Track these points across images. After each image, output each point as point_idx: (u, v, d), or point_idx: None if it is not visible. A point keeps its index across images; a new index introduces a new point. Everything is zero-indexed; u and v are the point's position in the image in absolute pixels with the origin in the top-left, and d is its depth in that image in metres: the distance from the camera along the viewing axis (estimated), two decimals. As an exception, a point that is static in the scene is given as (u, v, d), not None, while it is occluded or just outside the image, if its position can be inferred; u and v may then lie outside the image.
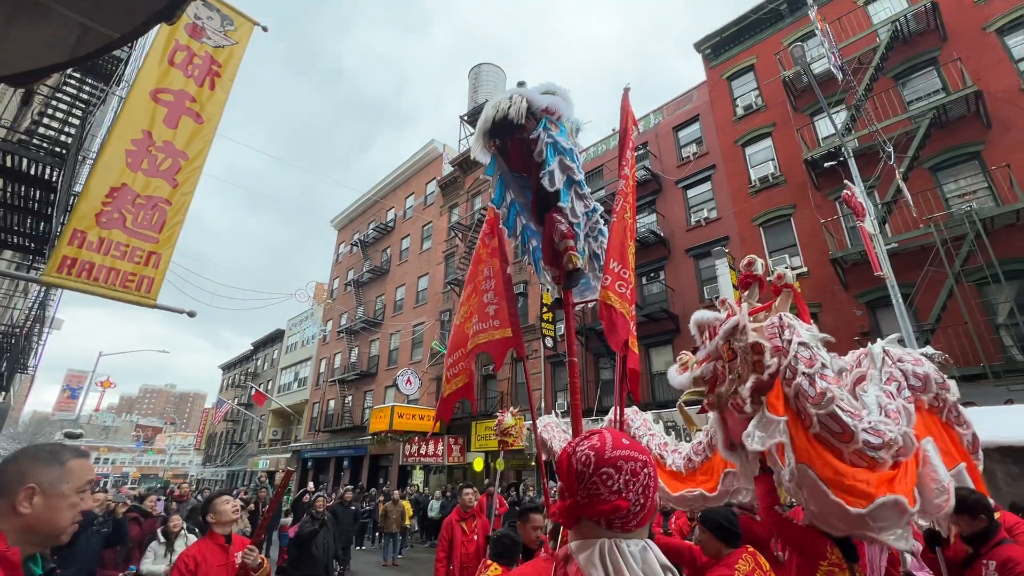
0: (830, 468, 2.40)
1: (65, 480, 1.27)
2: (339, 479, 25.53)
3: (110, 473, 63.08)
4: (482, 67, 29.35)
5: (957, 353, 9.90)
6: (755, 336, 2.73)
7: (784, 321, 2.87)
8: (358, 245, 31.42)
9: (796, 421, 2.55)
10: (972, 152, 11.49)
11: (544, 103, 2.95)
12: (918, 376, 2.94)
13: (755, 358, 2.64)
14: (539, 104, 2.93)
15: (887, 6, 13.88)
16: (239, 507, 3.15)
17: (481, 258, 3.83)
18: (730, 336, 2.72)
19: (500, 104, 2.92)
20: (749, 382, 2.57)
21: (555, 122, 2.97)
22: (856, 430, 2.43)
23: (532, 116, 2.93)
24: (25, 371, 13.83)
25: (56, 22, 2.88)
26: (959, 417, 3.01)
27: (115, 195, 4.87)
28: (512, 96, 2.93)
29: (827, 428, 2.48)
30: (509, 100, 2.91)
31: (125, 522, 6.06)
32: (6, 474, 1.22)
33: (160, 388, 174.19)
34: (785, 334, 2.78)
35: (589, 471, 0.95)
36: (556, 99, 3.02)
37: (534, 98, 2.93)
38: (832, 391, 2.52)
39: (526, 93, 2.96)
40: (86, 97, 7.13)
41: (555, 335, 16.91)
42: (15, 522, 1.19)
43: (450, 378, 3.65)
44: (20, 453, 1.29)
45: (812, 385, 2.54)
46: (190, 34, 5.68)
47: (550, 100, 2.98)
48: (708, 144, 16.57)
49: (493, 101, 3.01)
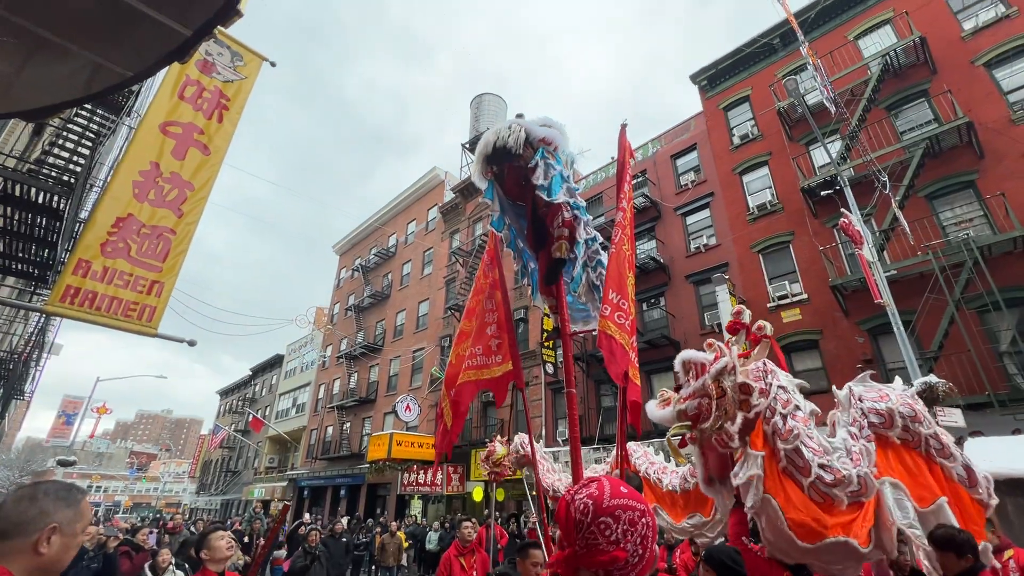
0: (792, 503, 2.60)
1: (79, 520, 1.29)
2: (336, 509, 24.97)
3: (102, 502, 61.77)
4: (484, 97, 30.07)
5: (961, 381, 9.81)
6: (743, 377, 2.93)
7: (768, 367, 3.10)
8: (359, 270, 31.57)
9: (770, 456, 2.76)
10: (966, 181, 11.66)
11: (541, 134, 3.03)
12: (879, 412, 2.96)
13: (742, 397, 2.84)
14: (537, 135, 3.01)
15: (877, 40, 14.30)
16: (233, 543, 3.08)
17: (482, 288, 3.85)
18: (720, 375, 2.89)
19: (500, 132, 3.00)
20: (738, 420, 2.76)
21: (552, 152, 3.04)
22: (812, 464, 2.64)
23: (530, 145, 3.01)
24: (21, 397, 13.73)
25: (71, 61, 2.98)
26: (943, 449, 2.95)
27: (121, 225, 4.94)
28: (511, 126, 3.02)
29: (792, 462, 2.69)
30: (508, 129, 2.99)
31: (116, 557, 5.92)
32: (30, 513, 1.22)
33: (156, 414, 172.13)
34: (768, 377, 3.01)
35: (587, 520, 0.95)
36: (553, 131, 3.09)
37: (532, 129, 3.02)
38: (799, 428, 2.75)
39: (525, 124, 3.04)
40: (96, 128, 7.30)
41: (556, 361, 16.81)
42: (31, 561, 1.19)
43: (455, 414, 3.63)
44: (39, 491, 1.28)
45: (784, 423, 2.78)
46: (200, 69, 5.87)
47: (547, 132, 3.06)
48: (706, 172, 16.83)
49: (494, 128, 3.10)
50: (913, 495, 2.75)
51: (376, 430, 23.90)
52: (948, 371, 9.90)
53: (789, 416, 2.81)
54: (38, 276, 8.00)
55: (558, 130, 3.16)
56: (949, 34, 12.91)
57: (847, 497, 2.59)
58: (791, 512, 2.53)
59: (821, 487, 2.60)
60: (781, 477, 2.70)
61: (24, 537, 1.19)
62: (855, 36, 14.69)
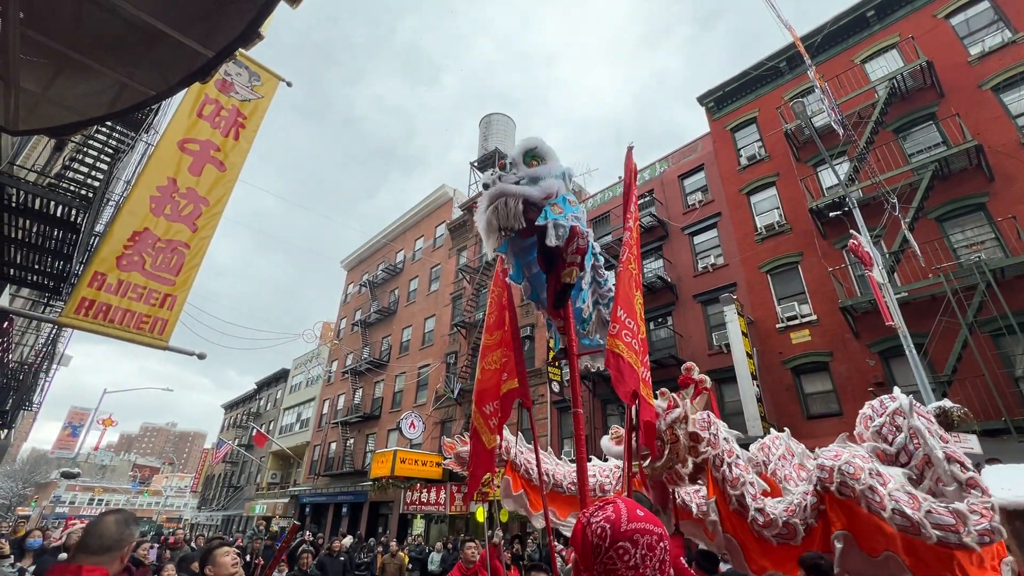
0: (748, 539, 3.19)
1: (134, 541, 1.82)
2: (337, 526, 24.65)
3: (103, 515, 61.38)
4: (492, 116, 30.54)
5: (977, 406, 9.62)
6: (694, 427, 3.42)
7: (710, 419, 3.54)
8: (367, 286, 31.73)
9: (722, 499, 3.35)
10: (977, 203, 11.60)
11: (539, 193, 2.91)
12: (825, 468, 3.09)
13: (691, 444, 3.36)
14: (536, 197, 2.90)
15: (883, 64, 14.43)
16: (238, 559, 3.04)
17: (501, 306, 3.88)
18: (675, 423, 3.38)
19: (498, 211, 2.88)
20: (689, 464, 3.31)
21: (556, 202, 2.93)
22: (750, 508, 3.19)
23: (534, 206, 2.92)
24: (29, 408, 13.79)
25: (97, 79, 3.07)
26: (881, 503, 2.84)
27: (137, 239, 5.03)
28: (508, 201, 2.87)
29: (740, 504, 3.24)
30: (505, 205, 2.87)
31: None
32: (124, 534, 1.73)
33: (161, 426, 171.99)
34: (712, 428, 3.46)
35: (605, 545, 0.93)
36: (551, 183, 2.95)
37: (530, 193, 2.90)
38: (744, 477, 3.30)
39: (522, 193, 2.90)
40: (115, 144, 7.48)
41: (561, 380, 16.69)
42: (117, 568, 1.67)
43: (493, 428, 3.54)
44: (129, 518, 1.79)
45: (731, 471, 3.32)
46: (219, 88, 6.03)
47: (546, 186, 2.94)
48: (713, 192, 16.88)
49: (489, 204, 2.93)
50: (864, 547, 2.85)
51: (380, 447, 23.71)
52: (963, 396, 9.71)
53: (734, 464, 3.37)
54: (53, 288, 8.11)
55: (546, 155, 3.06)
56: (956, 58, 13.01)
57: (775, 539, 3.12)
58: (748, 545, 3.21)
59: (755, 527, 3.17)
60: (734, 517, 3.31)
61: (118, 551, 1.69)
62: (862, 60, 14.84)
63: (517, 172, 3.01)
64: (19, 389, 11.56)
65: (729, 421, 14.37)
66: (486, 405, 3.56)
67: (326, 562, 9.88)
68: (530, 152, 3.08)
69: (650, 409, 2.70)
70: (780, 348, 13.40)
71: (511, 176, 3.00)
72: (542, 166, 3.03)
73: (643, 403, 2.63)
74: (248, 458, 36.36)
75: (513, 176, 3.00)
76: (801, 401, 12.69)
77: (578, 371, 2.99)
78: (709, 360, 14.55)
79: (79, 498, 64.63)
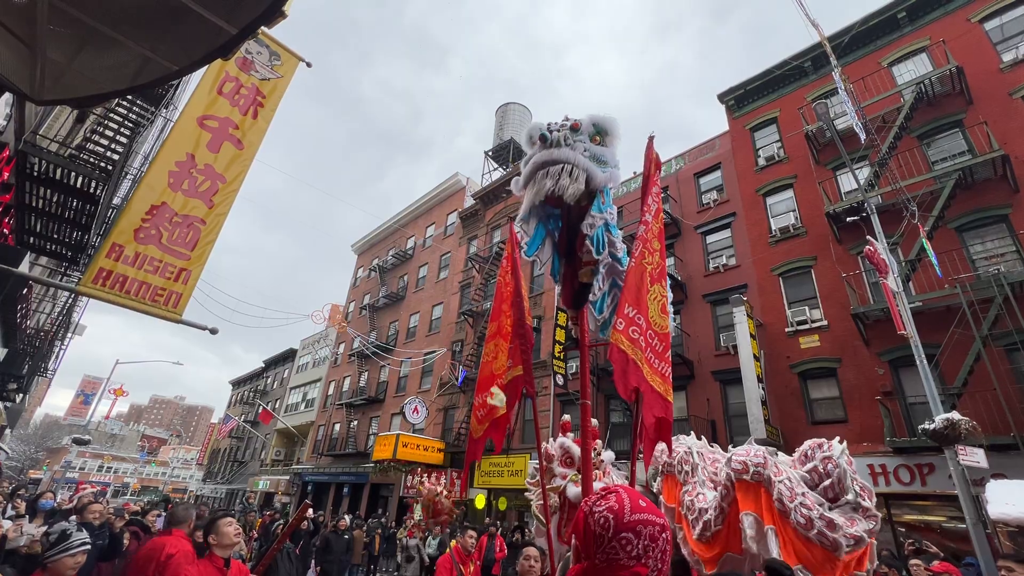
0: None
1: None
2: (338, 506, 25.05)
3: (111, 483, 62.92)
4: (509, 106, 30.33)
5: (986, 420, 9.49)
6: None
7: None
8: (376, 270, 31.88)
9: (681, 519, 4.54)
10: (999, 215, 11.35)
11: (602, 181, 2.72)
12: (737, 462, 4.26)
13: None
14: (599, 182, 2.72)
15: (911, 68, 14.09)
16: (241, 530, 3.12)
17: (504, 296, 3.86)
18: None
19: (560, 180, 2.65)
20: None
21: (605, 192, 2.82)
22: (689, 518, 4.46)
23: (587, 194, 2.75)
24: (44, 374, 14.12)
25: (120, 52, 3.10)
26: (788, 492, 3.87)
27: (155, 212, 5.10)
28: (572, 170, 2.65)
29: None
30: (570, 176, 2.64)
31: (121, 535, 6.00)
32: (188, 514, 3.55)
33: (170, 399, 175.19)
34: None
35: (608, 535, 0.93)
36: (613, 172, 2.77)
37: (595, 174, 2.69)
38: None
39: (587, 167, 2.68)
40: (135, 118, 7.56)
41: (566, 372, 16.71)
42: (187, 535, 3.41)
43: (481, 418, 3.54)
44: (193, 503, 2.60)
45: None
46: (240, 67, 6.05)
47: (609, 175, 2.76)
48: (729, 192, 16.69)
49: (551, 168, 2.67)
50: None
51: (383, 430, 23.99)
52: (972, 409, 9.58)
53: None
54: (71, 257, 8.26)
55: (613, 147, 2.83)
56: (987, 65, 12.66)
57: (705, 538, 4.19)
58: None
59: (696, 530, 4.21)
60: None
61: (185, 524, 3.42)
62: (889, 63, 14.50)
63: (584, 143, 2.78)
64: (35, 355, 11.82)
65: (733, 423, 14.27)
66: (480, 395, 3.59)
67: (331, 538, 10.04)
68: (599, 126, 2.83)
69: (655, 406, 2.65)
70: (788, 352, 13.29)
71: (579, 145, 2.76)
72: (607, 148, 2.82)
73: (647, 400, 2.59)
74: (254, 434, 36.98)
75: (581, 146, 2.76)
76: (806, 406, 12.61)
77: (589, 362, 2.98)
78: (716, 360, 14.48)
79: (88, 464, 66.26)
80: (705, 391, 14.39)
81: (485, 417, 3.46)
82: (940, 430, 8.06)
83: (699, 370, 14.76)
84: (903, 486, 10.34)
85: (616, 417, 16.17)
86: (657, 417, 2.60)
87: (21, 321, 10.13)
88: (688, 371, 14.79)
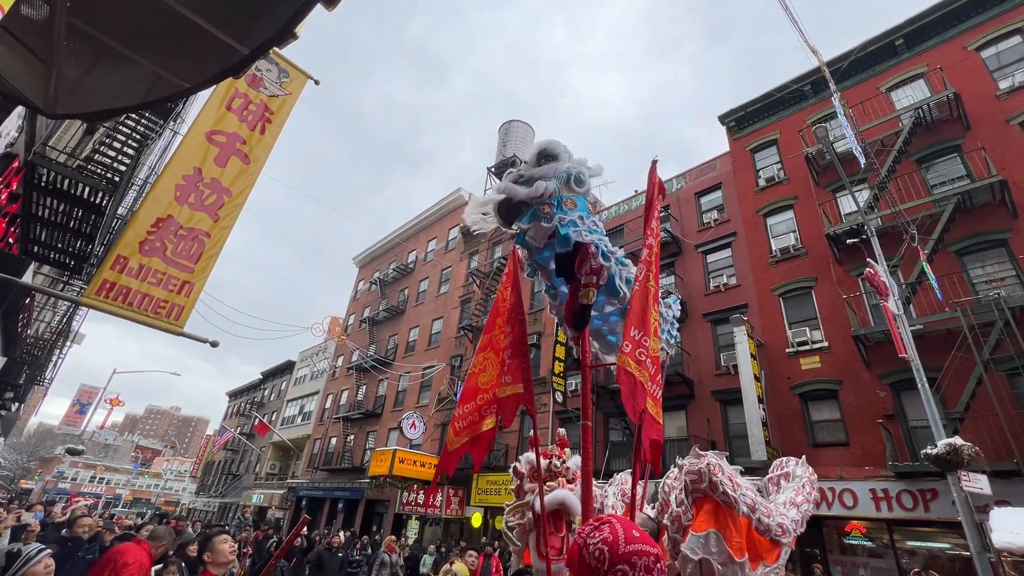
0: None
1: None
2: (332, 521, 24.67)
3: (103, 494, 62.06)
4: (512, 123, 30.69)
5: (988, 446, 9.41)
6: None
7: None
8: (377, 284, 31.92)
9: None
10: (998, 239, 11.41)
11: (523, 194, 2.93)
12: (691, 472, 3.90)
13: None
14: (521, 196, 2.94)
15: (909, 93, 14.30)
16: (236, 548, 3.08)
17: (500, 311, 3.84)
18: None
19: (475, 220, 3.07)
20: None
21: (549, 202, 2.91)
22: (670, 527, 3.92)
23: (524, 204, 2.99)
24: (41, 383, 14.04)
25: (134, 69, 3.15)
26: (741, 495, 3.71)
27: (160, 225, 5.14)
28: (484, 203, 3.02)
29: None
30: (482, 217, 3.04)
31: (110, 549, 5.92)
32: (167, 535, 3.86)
33: (165, 409, 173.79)
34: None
35: (603, 568, 0.93)
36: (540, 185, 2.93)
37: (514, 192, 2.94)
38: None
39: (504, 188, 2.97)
40: (143, 131, 7.65)
41: (565, 390, 16.62)
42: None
43: (459, 430, 3.53)
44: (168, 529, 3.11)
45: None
46: (249, 83, 6.16)
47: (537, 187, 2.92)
48: (729, 212, 16.80)
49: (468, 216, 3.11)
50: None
51: (380, 445, 23.75)
52: (975, 434, 9.50)
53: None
54: (73, 267, 8.28)
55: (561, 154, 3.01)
56: (984, 92, 12.85)
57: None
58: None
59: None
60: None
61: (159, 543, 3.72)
62: (887, 88, 14.72)
63: (520, 169, 3.05)
64: (33, 364, 11.78)
65: (733, 444, 14.13)
66: (463, 407, 3.55)
67: (325, 556, 9.85)
68: (543, 152, 3.05)
69: (658, 428, 2.67)
70: (789, 373, 13.24)
71: (513, 174, 3.03)
72: (546, 165, 2.99)
73: (649, 422, 2.61)
74: (249, 447, 36.59)
75: (516, 174, 3.02)
76: (807, 428, 12.50)
77: (590, 382, 2.97)
78: (716, 380, 14.40)
79: (81, 475, 65.43)
80: (705, 411, 14.28)
81: (463, 430, 3.42)
82: (943, 455, 7.99)
83: (699, 390, 14.68)
84: (906, 512, 10.20)
85: (616, 436, 16.03)
86: (652, 440, 2.62)
87: (22, 330, 10.12)
88: (688, 390, 14.71)
